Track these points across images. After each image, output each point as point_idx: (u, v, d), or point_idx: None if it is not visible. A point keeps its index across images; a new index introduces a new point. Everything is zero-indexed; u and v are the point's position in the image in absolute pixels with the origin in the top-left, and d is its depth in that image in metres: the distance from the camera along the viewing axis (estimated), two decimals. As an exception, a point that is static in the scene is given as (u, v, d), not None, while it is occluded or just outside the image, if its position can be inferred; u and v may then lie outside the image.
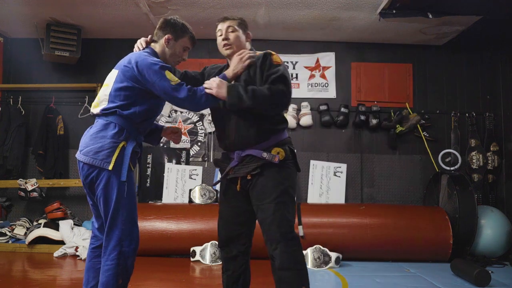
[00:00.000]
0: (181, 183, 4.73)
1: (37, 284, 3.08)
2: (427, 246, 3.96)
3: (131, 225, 1.99)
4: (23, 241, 4.31)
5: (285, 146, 2.08)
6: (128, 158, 1.97)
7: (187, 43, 2.18)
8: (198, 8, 4.11)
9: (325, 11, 4.16)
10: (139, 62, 1.99)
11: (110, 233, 1.95)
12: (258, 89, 1.99)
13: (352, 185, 4.82)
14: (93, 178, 1.97)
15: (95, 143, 1.96)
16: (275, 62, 2.09)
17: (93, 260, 2.10)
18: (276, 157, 2.00)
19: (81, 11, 4.22)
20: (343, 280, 3.28)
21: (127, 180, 1.97)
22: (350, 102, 4.92)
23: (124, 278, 1.99)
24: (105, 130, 1.98)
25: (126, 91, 2.00)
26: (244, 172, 2.04)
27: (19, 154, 4.70)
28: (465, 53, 4.97)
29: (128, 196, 1.98)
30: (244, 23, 2.21)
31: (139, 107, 2.02)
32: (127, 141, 2.00)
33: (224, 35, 2.14)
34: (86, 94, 4.84)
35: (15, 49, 4.98)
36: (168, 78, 1.96)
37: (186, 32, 2.17)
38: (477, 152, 4.72)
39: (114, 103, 2.00)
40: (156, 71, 1.96)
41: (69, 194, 4.83)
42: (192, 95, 1.98)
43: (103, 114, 2.01)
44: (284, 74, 2.04)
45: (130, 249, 1.97)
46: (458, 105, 4.92)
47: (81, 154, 1.98)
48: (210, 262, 3.82)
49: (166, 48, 2.15)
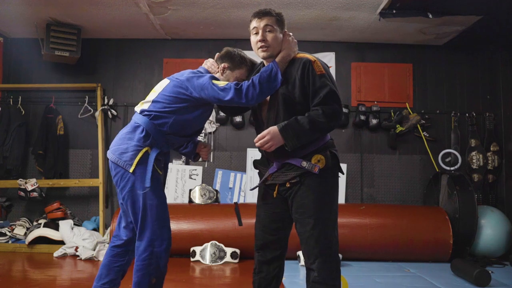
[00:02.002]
0: (181, 183, 4.73)
1: (37, 284, 3.08)
2: (427, 246, 3.96)
3: (161, 225, 2.04)
4: (23, 241, 4.32)
5: (326, 151, 1.97)
6: (151, 164, 2.02)
7: (242, 75, 2.20)
8: (198, 8, 4.11)
9: (325, 11, 4.16)
10: (190, 76, 2.09)
11: (142, 235, 2.02)
12: (312, 117, 1.85)
13: (352, 185, 4.82)
14: (118, 178, 2.04)
15: (122, 143, 2.05)
16: (318, 73, 1.90)
17: (110, 258, 2.15)
18: (316, 167, 1.91)
19: (81, 11, 4.22)
20: (343, 280, 3.27)
21: (153, 184, 2.01)
22: (350, 102, 4.92)
23: (158, 277, 2.05)
24: (133, 132, 2.06)
25: (170, 102, 2.07)
26: (282, 180, 1.97)
27: (19, 154, 4.69)
28: (465, 53, 4.97)
29: (156, 199, 2.03)
30: (282, 20, 2.05)
31: (174, 118, 2.07)
32: (151, 147, 2.05)
33: (261, 36, 1.97)
34: (86, 94, 4.84)
35: (15, 49, 4.98)
36: (216, 83, 2.01)
37: (244, 63, 2.20)
38: (477, 152, 4.72)
39: (153, 109, 2.07)
40: (205, 79, 2.03)
41: (69, 194, 4.83)
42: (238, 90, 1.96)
43: (139, 113, 2.10)
44: (333, 88, 1.89)
45: (162, 249, 2.03)
46: (458, 105, 4.92)
47: (110, 152, 2.07)
48: (210, 262, 3.82)
49: (221, 76, 2.19)
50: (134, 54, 4.99)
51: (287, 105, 1.95)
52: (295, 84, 1.93)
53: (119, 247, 2.15)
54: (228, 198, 4.69)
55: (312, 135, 1.89)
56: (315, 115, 1.86)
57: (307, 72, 1.91)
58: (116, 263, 2.13)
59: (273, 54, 2.00)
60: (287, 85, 1.95)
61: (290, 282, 3.13)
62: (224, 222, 3.98)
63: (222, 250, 3.88)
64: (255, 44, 2.02)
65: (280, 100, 1.96)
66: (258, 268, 2.13)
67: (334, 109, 1.87)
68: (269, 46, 1.98)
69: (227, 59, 2.19)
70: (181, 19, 4.38)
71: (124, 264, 2.17)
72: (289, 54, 2.00)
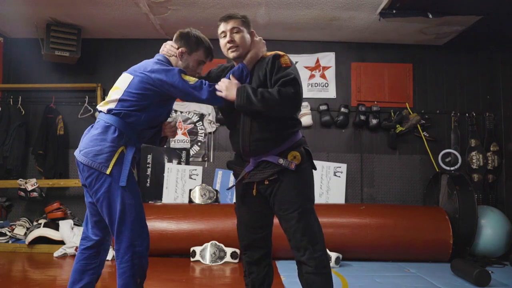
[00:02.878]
0: (181, 183, 4.73)
1: (37, 284, 3.08)
2: (427, 246, 3.96)
3: (140, 225, 2.01)
4: (23, 241, 4.31)
5: (300, 147, 2.05)
6: (129, 164, 1.97)
7: (201, 57, 2.16)
8: (198, 8, 4.11)
9: (325, 11, 4.16)
10: (156, 70, 2.01)
11: (120, 236, 1.96)
12: (268, 91, 1.94)
13: (352, 185, 4.82)
14: (92, 180, 1.96)
15: (94, 145, 1.96)
16: (284, 65, 2.01)
17: (82, 261, 2.07)
18: (292, 164, 1.98)
19: (81, 11, 4.22)
20: (343, 280, 3.28)
21: (128, 183, 1.97)
22: (350, 102, 4.92)
23: (142, 277, 2.01)
24: (106, 133, 1.98)
25: (137, 98, 2.01)
26: (260, 178, 2.02)
27: (19, 154, 4.69)
28: (465, 53, 4.97)
29: (133, 197, 1.98)
30: (247, 21, 2.13)
31: (144, 115, 2.03)
32: (126, 146, 2.00)
33: (229, 37, 2.06)
34: (86, 94, 4.84)
35: (15, 49, 4.98)
36: (186, 79, 1.99)
37: (200, 45, 2.15)
38: (477, 152, 4.72)
39: (121, 107, 2.00)
40: (174, 74, 1.98)
41: (69, 194, 4.83)
42: (212, 91, 1.99)
43: (107, 113, 2.02)
44: (294, 77, 1.97)
45: (143, 247, 1.99)
46: (458, 105, 4.92)
47: (81, 155, 1.98)
48: (210, 262, 3.82)
49: (179, 62, 2.14)
50: (134, 54, 4.98)
51: None
52: (266, 77, 2.01)
53: (90, 249, 2.07)
54: (228, 198, 4.69)
55: (263, 107, 1.92)
56: (271, 90, 1.94)
57: (276, 64, 2.01)
58: (89, 265, 2.06)
59: (242, 54, 2.07)
60: (259, 79, 2.03)
61: (290, 282, 3.13)
62: (224, 222, 3.98)
63: (222, 250, 3.88)
64: (224, 47, 2.09)
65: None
66: (248, 270, 2.17)
67: (289, 91, 1.93)
68: (238, 46, 2.06)
69: (183, 42, 2.14)
70: (181, 19, 4.38)
71: (98, 267, 2.10)
72: (257, 53, 2.09)
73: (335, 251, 3.79)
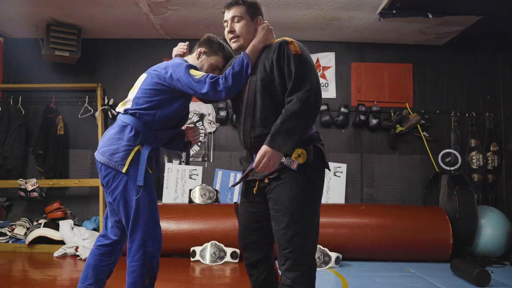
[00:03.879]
0: (181, 183, 4.73)
1: (37, 284, 3.08)
2: (427, 246, 3.96)
3: (153, 225, 2.02)
4: (23, 241, 4.32)
5: (310, 145, 1.83)
6: (145, 162, 2.00)
7: (218, 62, 2.16)
8: (198, 8, 4.11)
9: (325, 11, 4.16)
10: (167, 65, 2.06)
11: (133, 235, 1.98)
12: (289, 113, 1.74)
13: (352, 185, 4.82)
14: (109, 179, 2.00)
15: (111, 144, 2.01)
16: (294, 53, 1.81)
17: (96, 257, 2.10)
18: (294, 163, 1.78)
19: (81, 11, 4.22)
20: (343, 280, 3.28)
21: (145, 183, 1.99)
22: (350, 102, 4.92)
23: (151, 277, 2.03)
24: (122, 132, 2.02)
25: (150, 95, 2.04)
26: (261, 175, 1.87)
27: (19, 154, 4.69)
28: (465, 53, 4.97)
29: (148, 198, 2.00)
30: (253, 7, 1.94)
31: (159, 113, 2.05)
32: (142, 145, 2.03)
33: (229, 27, 1.92)
34: (86, 94, 4.84)
35: (15, 49, 4.98)
36: (192, 74, 1.97)
37: (221, 51, 2.16)
38: (477, 152, 4.72)
39: (136, 106, 2.05)
40: (181, 69, 2.00)
41: (69, 194, 4.83)
42: (214, 83, 1.92)
43: (124, 113, 2.07)
44: (307, 69, 1.78)
45: (155, 248, 2.01)
46: (458, 105, 4.92)
47: (99, 154, 2.03)
48: (210, 262, 3.82)
49: (196, 61, 2.16)
50: (134, 54, 4.99)
51: (266, 91, 1.86)
52: (273, 67, 1.84)
53: (106, 246, 2.11)
54: (228, 198, 4.69)
55: (299, 126, 1.76)
56: (290, 107, 1.76)
57: (283, 52, 1.83)
58: (103, 262, 2.08)
59: (244, 44, 1.93)
60: (265, 70, 1.86)
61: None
62: (224, 222, 3.98)
63: (222, 250, 3.88)
64: (227, 37, 1.97)
65: (259, 86, 1.87)
66: (248, 271, 2.10)
67: (308, 94, 1.76)
68: (238, 36, 1.92)
69: (205, 44, 2.17)
70: (181, 19, 4.38)
71: (111, 264, 2.12)
72: (260, 41, 1.92)
73: (335, 251, 3.79)
